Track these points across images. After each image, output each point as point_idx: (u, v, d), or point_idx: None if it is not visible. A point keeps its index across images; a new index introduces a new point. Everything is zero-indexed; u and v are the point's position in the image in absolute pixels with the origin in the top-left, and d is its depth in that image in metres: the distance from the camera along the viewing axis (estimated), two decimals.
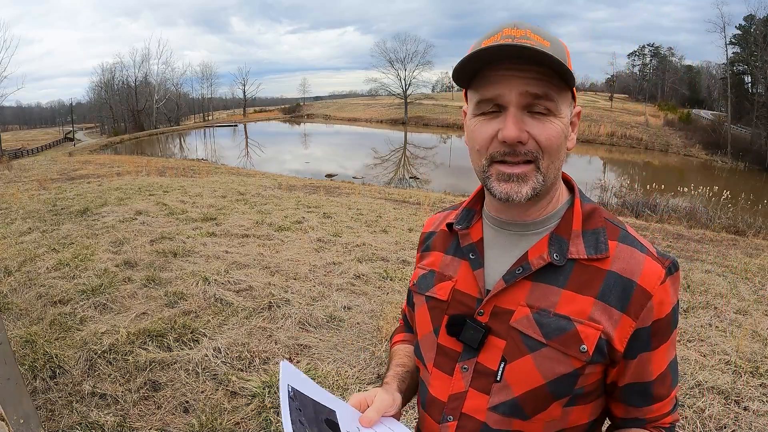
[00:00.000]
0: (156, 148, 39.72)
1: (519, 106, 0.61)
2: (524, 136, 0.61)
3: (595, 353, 0.62)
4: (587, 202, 0.71)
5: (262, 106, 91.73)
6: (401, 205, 9.37)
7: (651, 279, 0.62)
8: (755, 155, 30.51)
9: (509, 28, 0.62)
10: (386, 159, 30.03)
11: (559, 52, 0.62)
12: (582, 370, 0.63)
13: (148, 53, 79.70)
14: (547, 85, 0.61)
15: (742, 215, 10.69)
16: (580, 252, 0.65)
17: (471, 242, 0.74)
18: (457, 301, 0.72)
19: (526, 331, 0.64)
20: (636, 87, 56.88)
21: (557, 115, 0.62)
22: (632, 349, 0.63)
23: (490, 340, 0.67)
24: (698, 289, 4.46)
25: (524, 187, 0.63)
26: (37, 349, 2.70)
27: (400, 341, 0.94)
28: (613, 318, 0.62)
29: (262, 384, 2.48)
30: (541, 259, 0.65)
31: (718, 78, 44.25)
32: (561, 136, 0.63)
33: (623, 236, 0.67)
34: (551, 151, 0.63)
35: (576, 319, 0.62)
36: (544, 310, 0.64)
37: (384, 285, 4.09)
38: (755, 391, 2.64)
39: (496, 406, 0.66)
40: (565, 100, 0.64)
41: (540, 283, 0.65)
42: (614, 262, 0.64)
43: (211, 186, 10.31)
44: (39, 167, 17.55)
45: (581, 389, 0.65)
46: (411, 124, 51.45)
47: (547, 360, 0.63)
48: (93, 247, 4.83)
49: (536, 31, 0.62)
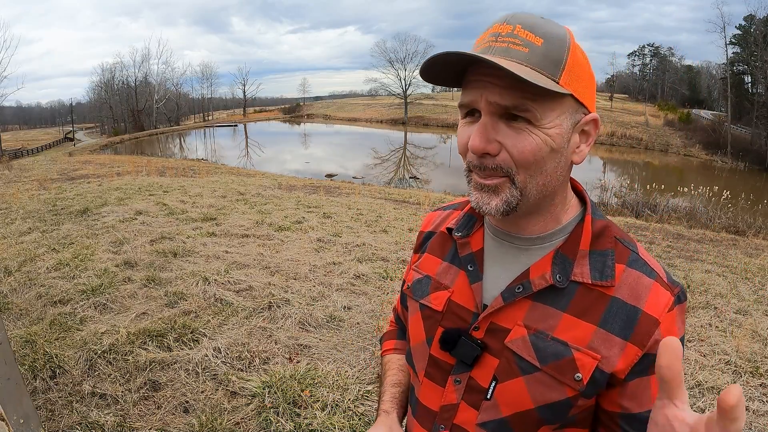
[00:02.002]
0: (156, 148, 39.71)
1: (490, 114, 0.56)
2: (492, 147, 0.56)
3: (590, 384, 0.58)
4: (599, 218, 0.65)
5: (262, 106, 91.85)
6: (401, 205, 9.37)
7: (658, 306, 0.58)
8: (755, 155, 30.52)
9: (499, 24, 0.56)
10: (386, 159, 30.03)
11: (551, 53, 0.54)
12: (575, 400, 0.59)
13: (148, 53, 80.00)
14: (520, 95, 0.54)
15: (742, 215, 10.69)
16: (585, 275, 0.60)
17: (470, 252, 0.69)
18: (453, 313, 0.68)
19: (521, 352, 0.61)
20: (636, 87, 56.89)
21: (539, 126, 0.55)
22: (632, 373, 0.59)
23: (484, 357, 0.64)
24: (698, 289, 4.46)
25: (494, 200, 0.59)
26: (37, 349, 2.70)
27: (391, 350, 0.91)
28: (615, 347, 0.58)
29: (262, 384, 2.48)
30: (543, 280, 0.61)
31: (718, 78, 44.26)
32: (541, 149, 0.56)
33: (632, 260, 0.61)
34: (526, 166, 0.56)
35: (574, 346, 0.58)
36: (542, 332, 0.60)
37: (384, 285, 4.09)
38: (755, 391, 2.64)
39: (485, 423, 0.64)
40: (554, 108, 0.56)
41: (540, 304, 0.61)
42: (620, 288, 0.59)
43: (211, 186, 10.30)
44: (39, 167, 17.55)
45: (574, 417, 0.61)
46: (411, 124, 51.49)
47: (540, 385, 0.60)
48: (93, 247, 4.83)
49: (529, 26, 0.55)
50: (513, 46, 0.54)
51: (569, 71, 0.56)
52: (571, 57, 0.56)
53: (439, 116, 50.79)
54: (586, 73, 0.58)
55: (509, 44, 0.54)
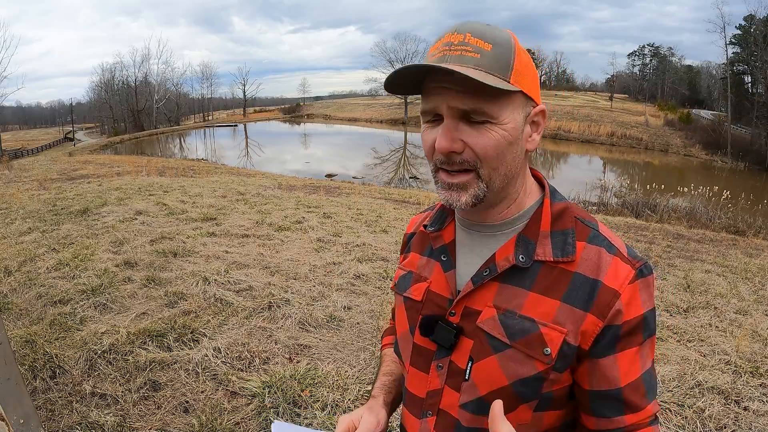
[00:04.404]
0: (156, 148, 39.71)
1: (452, 117, 0.61)
2: (457, 146, 0.62)
3: (559, 357, 0.62)
4: (558, 200, 0.70)
5: (262, 106, 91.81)
6: (401, 205, 9.36)
7: (618, 279, 0.61)
8: (755, 155, 30.51)
9: (450, 33, 0.61)
10: (386, 159, 30.01)
11: (501, 56, 0.60)
12: (546, 374, 0.62)
13: (148, 53, 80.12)
14: (476, 99, 0.59)
15: (742, 215, 10.68)
16: (547, 254, 0.64)
17: (443, 244, 0.75)
18: (431, 301, 0.73)
19: (491, 331, 0.65)
20: (636, 87, 56.93)
21: (497, 123, 0.61)
22: (598, 348, 0.62)
23: (461, 340, 0.68)
24: (698, 289, 4.46)
25: (464, 196, 0.64)
26: (37, 349, 2.70)
27: (389, 344, 0.95)
28: (578, 319, 0.61)
29: (262, 384, 2.48)
30: (507, 261, 0.65)
31: (718, 78, 44.27)
32: (500, 144, 0.61)
33: (593, 236, 0.65)
34: (489, 159, 0.62)
35: (540, 322, 0.62)
36: (510, 311, 0.64)
37: (384, 285, 4.09)
38: (755, 391, 2.64)
39: (466, 404, 0.67)
40: (508, 105, 0.61)
41: (507, 285, 0.66)
42: (581, 264, 0.63)
43: (211, 186, 10.30)
44: (39, 167, 17.54)
45: (550, 393, 0.64)
46: (411, 124, 51.43)
47: (511, 361, 0.63)
48: (93, 247, 4.83)
49: (479, 34, 0.60)
50: (466, 53, 0.59)
51: (517, 71, 0.61)
52: (517, 58, 0.61)
53: None
54: (530, 70, 0.64)
55: (462, 51, 0.59)
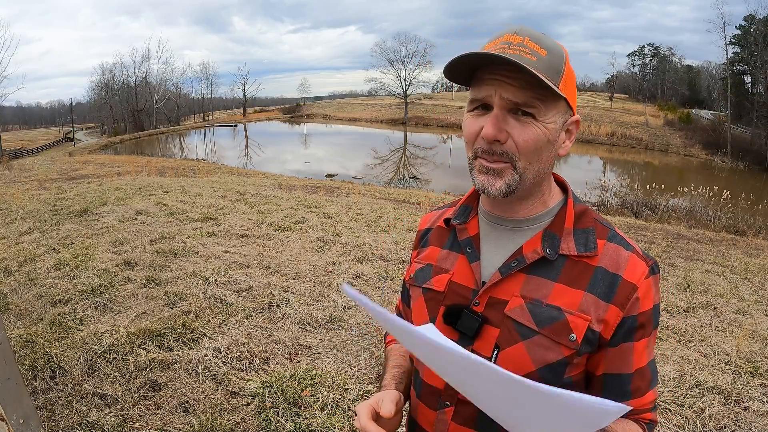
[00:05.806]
0: (156, 148, 39.70)
1: (502, 108, 0.66)
2: (502, 135, 0.66)
3: (584, 343, 0.66)
4: (579, 203, 0.76)
5: (262, 106, 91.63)
6: (401, 205, 9.36)
7: (636, 273, 0.67)
8: (755, 155, 30.52)
9: (509, 34, 0.66)
10: (386, 159, 30.01)
11: (553, 63, 0.65)
12: (571, 359, 0.67)
13: (148, 53, 79.91)
14: (529, 94, 0.64)
15: (742, 215, 10.67)
16: (571, 249, 0.70)
17: (468, 236, 0.77)
18: (454, 292, 0.75)
19: (520, 319, 0.68)
20: (636, 87, 56.90)
21: (540, 121, 0.66)
22: (616, 337, 0.67)
23: (484, 328, 0.70)
24: (698, 289, 4.46)
25: (499, 182, 0.68)
26: (37, 349, 2.70)
27: (394, 340, 0.95)
28: (601, 308, 0.66)
29: (262, 384, 2.48)
30: (535, 253, 0.70)
31: (718, 78, 44.26)
32: (540, 140, 0.66)
33: (611, 235, 0.71)
34: (527, 153, 0.66)
35: (566, 310, 0.67)
36: (537, 300, 0.68)
37: (384, 285, 4.09)
38: (755, 391, 2.64)
39: None
40: (553, 107, 0.66)
41: (534, 276, 0.70)
42: (602, 259, 0.69)
43: (211, 186, 10.30)
44: (39, 167, 17.54)
45: (570, 378, 0.68)
46: (411, 124, 51.44)
47: (539, 347, 0.67)
48: (93, 247, 4.83)
49: (536, 39, 0.65)
50: (524, 54, 0.64)
51: (565, 79, 0.66)
52: (567, 68, 0.67)
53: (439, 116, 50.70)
54: (573, 83, 0.70)
55: (521, 52, 0.64)
